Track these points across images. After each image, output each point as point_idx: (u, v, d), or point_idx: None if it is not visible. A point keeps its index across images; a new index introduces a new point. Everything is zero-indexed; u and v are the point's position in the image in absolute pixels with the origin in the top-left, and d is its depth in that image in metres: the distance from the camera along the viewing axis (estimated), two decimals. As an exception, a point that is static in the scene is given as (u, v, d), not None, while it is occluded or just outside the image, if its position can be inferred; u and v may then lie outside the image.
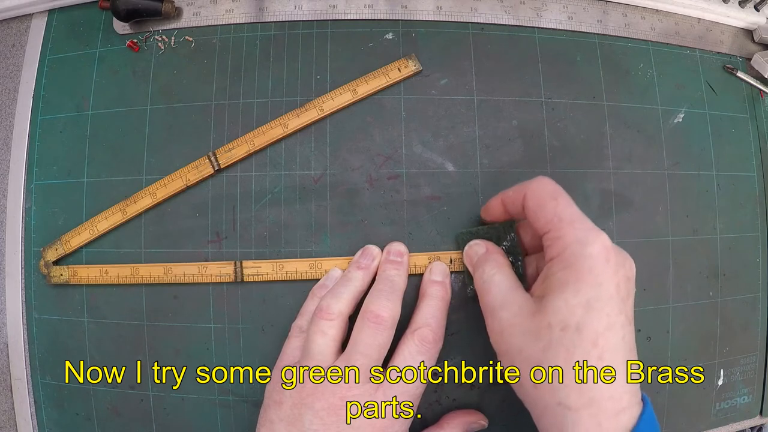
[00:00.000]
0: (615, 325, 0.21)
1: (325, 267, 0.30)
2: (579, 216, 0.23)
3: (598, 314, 0.21)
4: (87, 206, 0.32)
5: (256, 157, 0.31)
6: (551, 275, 0.22)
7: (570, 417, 0.21)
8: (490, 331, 0.24)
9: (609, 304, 0.21)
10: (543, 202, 0.24)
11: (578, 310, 0.21)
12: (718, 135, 0.34)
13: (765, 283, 0.34)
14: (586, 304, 0.21)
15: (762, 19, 0.36)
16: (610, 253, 0.22)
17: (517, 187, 0.25)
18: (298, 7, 0.32)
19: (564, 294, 0.21)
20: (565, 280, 0.22)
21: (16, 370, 0.33)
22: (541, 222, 0.24)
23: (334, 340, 0.25)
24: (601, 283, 0.21)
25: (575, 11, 0.33)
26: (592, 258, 0.21)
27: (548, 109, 0.32)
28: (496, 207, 0.27)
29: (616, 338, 0.21)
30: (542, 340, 0.21)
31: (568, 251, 0.22)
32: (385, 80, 0.31)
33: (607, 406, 0.21)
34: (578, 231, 0.22)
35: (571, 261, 0.22)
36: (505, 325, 0.23)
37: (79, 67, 0.33)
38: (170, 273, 0.30)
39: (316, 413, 0.24)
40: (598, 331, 0.21)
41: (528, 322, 0.22)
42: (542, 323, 0.22)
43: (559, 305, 0.21)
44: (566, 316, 0.21)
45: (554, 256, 0.23)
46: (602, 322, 0.21)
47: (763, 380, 0.34)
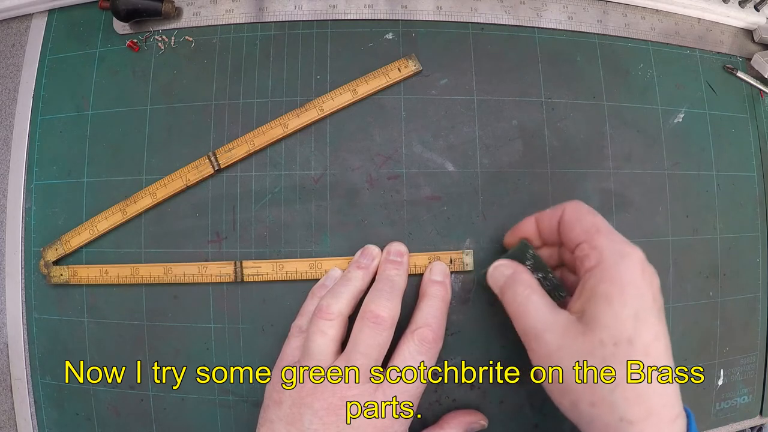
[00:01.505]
0: (660, 335, 0.22)
1: (325, 267, 0.30)
2: (615, 231, 0.24)
3: (645, 325, 0.21)
4: (87, 206, 0.32)
5: (256, 157, 0.31)
6: (591, 288, 0.22)
7: (633, 430, 0.21)
8: (536, 355, 0.24)
9: (652, 314, 0.22)
10: (581, 215, 0.25)
11: (629, 323, 0.21)
12: (718, 135, 0.34)
13: (765, 283, 0.34)
14: (635, 316, 0.21)
15: (762, 19, 0.36)
16: (645, 265, 0.23)
17: (554, 207, 0.26)
18: (298, 7, 0.32)
19: (612, 308, 0.21)
20: (608, 294, 0.22)
21: (16, 370, 0.33)
22: (577, 231, 0.24)
23: (334, 339, 0.25)
24: (643, 294, 0.22)
25: (575, 11, 0.33)
26: (632, 270, 0.22)
27: (548, 109, 0.32)
28: (528, 226, 0.28)
29: (662, 346, 0.22)
30: (596, 358, 0.21)
31: (607, 262, 0.22)
32: (385, 80, 0.31)
33: (664, 414, 0.21)
34: (616, 244, 0.23)
35: (612, 273, 0.22)
36: (553, 349, 0.23)
37: (79, 67, 0.33)
38: (170, 273, 0.30)
39: (316, 413, 0.24)
40: (647, 341, 0.21)
41: (578, 342, 0.22)
42: (594, 341, 0.21)
43: (608, 321, 0.21)
44: (618, 330, 0.21)
45: (591, 266, 0.23)
46: (650, 332, 0.21)
47: (763, 380, 0.34)
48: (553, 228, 0.26)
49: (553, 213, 0.26)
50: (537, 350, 0.24)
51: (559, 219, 0.26)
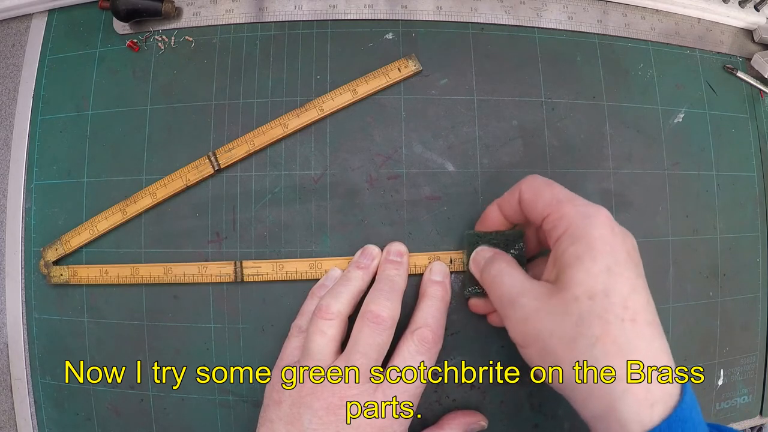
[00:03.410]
0: (638, 287, 0.22)
1: (325, 267, 0.30)
2: (576, 196, 0.24)
3: (620, 278, 0.21)
4: (87, 206, 0.32)
5: (256, 157, 0.31)
6: (562, 253, 0.22)
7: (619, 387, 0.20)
8: (512, 322, 0.24)
9: (627, 268, 0.21)
10: (539, 189, 0.25)
11: (601, 277, 0.21)
12: (718, 135, 0.34)
13: (765, 283, 0.34)
14: (606, 269, 0.21)
15: (762, 19, 0.36)
16: (613, 223, 0.23)
17: (511, 189, 0.26)
18: (298, 7, 0.32)
19: (583, 265, 0.21)
20: (578, 253, 0.22)
21: (16, 370, 0.33)
22: (539, 207, 0.24)
23: (334, 339, 0.25)
24: (614, 249, 0.22)
25: (575, 11, 0.33)
26: (599, 227, 0.22)
27: (548, 109, 0.32)
28: (493, 213, 0.28)
29: (642, 299, 0.21)
30: (573, 315, 0.21)
31: (573, 225, 0.22)
32: (385, 80, 0.31)
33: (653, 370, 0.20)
34: (580, 207, 0.23)
35: (580, 234, 0.22)
36: (530, 311, 0.23)
37: (79, 67, 0.33)
38: (170, 273, 0.30)
39: (315, 413, 0.24)
40: (624, 294, 0.21)
41: (554, 301, 0.22)
42: (569, 298, 0.21)
43: (581, 277, 0.21)
44: (592, 284, 0.21)
45: (560, 234, 0.23)
46: (626, 285, 0.21)
47: (763, 380, 0.34)
48: (516, 209, 0.26)
49: (511, 195, 0.26)
50: (513, 316, 0.23)
51: (518, 199, 0.25)
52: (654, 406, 0.20)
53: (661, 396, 0.20)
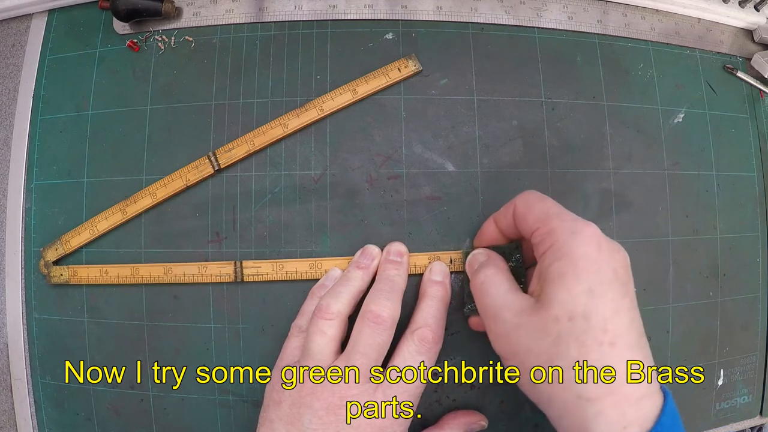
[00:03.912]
0: (621, 309, 0.21)
1: (325, 267, 0.30)
2: (566, 211, 0.23)
3: (602, 299, 0.21)
4: (87, 206, 0.32)
5: (256, 157, 0.31)
6: (546, 268, 0.22)
7: (592, 409, 0.20)
8: (494, 335, 0.24)
9: (611, 289, 0.21)
10: (531, 204, 0.25)
11: (582, 298, 0.21)
12: (718, 135, 0.34)
13: (765, 283, 0.34)
14: (588, 290, 0.21)
15: (762, 19, 0.36)
16: (602, 239, 0.22)
17: (507, 204, 0.26)
18: (298, 7, 0.32)
19: (565, 284, 0.21)
20: (562, 271, 0.21)
21: (16, 370, 0.33)
22: (530, 221, 0.24)
23: (334, 339, 0.25)
24: (599, 268, 0.21)
25: (575, 11, 0.33)
26: (584, 245, 0.21)
27: (548, 109, 0.32)
28: (490, 228, 0.28)
29: (624, 322, 0.21)
30: (551, 335, 0.21)
31: (559, 241, 0.22)
32: (385, 80, 0.31)
33: (628, 392, 0.20)
34: (567, 222, 0.22)
35: (565, 251, 0.21)
36: (510, 327, 0.23)
37: (79, 67, 0.33)
38: (170, 273, 0.30)
39: (315, 413, 0.24)
40: (606, 316, 0.20)
41: (534, 319, 0.22)
42: (548, 317, 0.21)
43: (562, 296, 0.21)
44: (572, 305, 0.21)
45: (546, 249, 0.22)
46: (608, 307, 0.21)
47: (763, 380, 0.34)
48: (511, 224, 0.26)
49: (507, 209, 0.26)
50: (495, 329, 0.24)
51: (513, 213, 0.26)
52: (627, 429, 0.20)
53: (636, 418, 0.20)
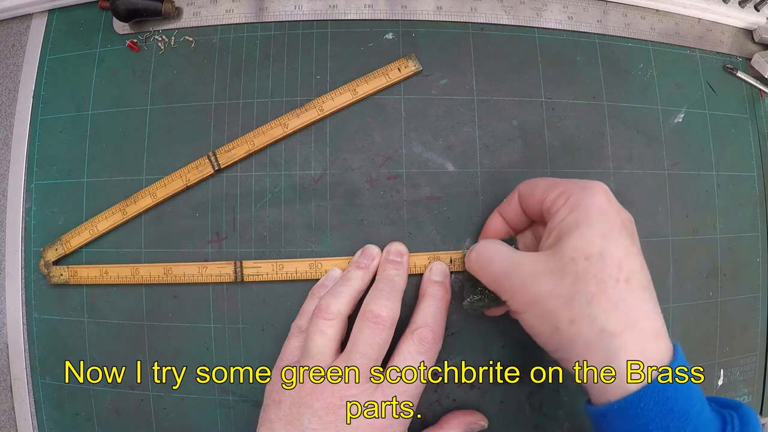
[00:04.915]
0: (632, 253, 0.22)
1: (325, 267, 0.30)
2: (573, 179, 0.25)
3: (615, 243, 0.22)
4: (87, 206, 0.32)
5: (256, 157, 0.31)
6: (560, 222, 0.23)
7: (614, 343, 0.21)
8: (509, 293, 0.24)
9: (622, 235, 0.22)
10: (535, 182, 0.26)
11: (597, 240, 0.22)
12: (718, 135, 0.34)
13: (765, 283, 0.34)
14: (602, 234, 0.22)
15: (762, 19, 0.36)
16: (610, 195, 0.24)
17: (509, 195, 0.28)
18: (298, 7, 0.32)
19: (579, 230, 0.22)
20: (576, 221, 0.23)
21: (16, 370, 0.33)
22: (537, 194, 0.25)
23: (334, 339, 0.25)
24: (610, 217, 0.23)
25: (575, 11, 0.33)
26: (596, 196, 0.23)
27: (548, 109, 0.32)
28: (495, 221, 0.28)
29: (636, 264, 0.22)
30: (569, 275, 0.22)
31: (573, 196, 0.23)
32: (385, 80, 0.31)
33: (646, 326, 0.21)
34: (577, 181, 0.24)
35: (578, 203, 0.23)
36: (526, 275, 0.23)
37: (79, 67, 0.33)
38: (170, 273, 0.30)
39: (315, 413, 0.24)
40: (619, 256, 0.22)
41: (551, 262, 0.23)
42: (565, 259, 0.22)
43: (576, 241, 0.22)
44: (588, 247, 0.22)
45: (559, 206, 0.24)
46: (620, 249, 0.22)
47: (763, 380, 0.34)
48: (517, 210, 0.27)
49: (510, 198, 0.27)
50: (510, 286, 0.24)
51: (518, 200, 0.27)
52: (647, 363, 0.21)
53: (654, 355, 0.21)
